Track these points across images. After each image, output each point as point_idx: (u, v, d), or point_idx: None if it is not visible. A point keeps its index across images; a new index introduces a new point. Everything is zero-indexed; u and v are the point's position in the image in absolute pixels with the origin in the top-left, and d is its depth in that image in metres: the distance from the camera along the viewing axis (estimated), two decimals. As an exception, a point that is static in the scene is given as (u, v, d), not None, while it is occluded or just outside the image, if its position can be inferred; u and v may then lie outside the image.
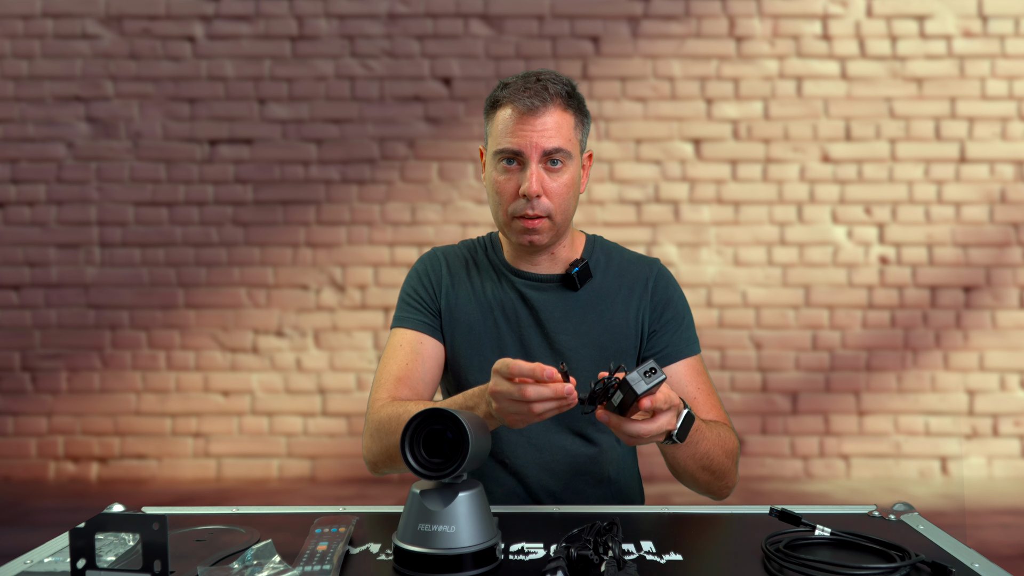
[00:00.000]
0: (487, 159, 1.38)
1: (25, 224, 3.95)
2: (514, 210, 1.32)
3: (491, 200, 1.37)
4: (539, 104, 1.28)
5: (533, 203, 1.30)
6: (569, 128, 1.32)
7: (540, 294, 1.41)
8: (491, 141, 1.35)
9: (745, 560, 1.01)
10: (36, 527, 3.19)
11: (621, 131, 3.93)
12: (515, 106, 1.29)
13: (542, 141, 1.29)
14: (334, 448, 3.91)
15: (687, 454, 1.22)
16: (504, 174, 1.32)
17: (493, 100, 1.35)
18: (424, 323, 1.41)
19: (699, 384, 1.40)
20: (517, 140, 1.29)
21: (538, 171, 1.29)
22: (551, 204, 1.31)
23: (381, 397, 1.35)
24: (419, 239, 3.93)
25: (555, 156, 1.30)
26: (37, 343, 3.94)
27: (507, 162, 1.31)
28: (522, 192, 1.29)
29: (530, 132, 1.29)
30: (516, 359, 1.04)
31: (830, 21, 3.91)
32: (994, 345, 3.90)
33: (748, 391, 3.92)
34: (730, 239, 3.93)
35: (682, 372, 1.40)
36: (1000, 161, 3.91)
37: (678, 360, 1.40)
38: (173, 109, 3.96)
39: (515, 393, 1.03)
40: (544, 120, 1.29)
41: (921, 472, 3.88)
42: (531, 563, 1.00)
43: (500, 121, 1.32)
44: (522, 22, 3.94)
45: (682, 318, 1.43)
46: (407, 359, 1.38)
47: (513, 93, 1.30)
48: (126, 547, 0.98)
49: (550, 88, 1.30)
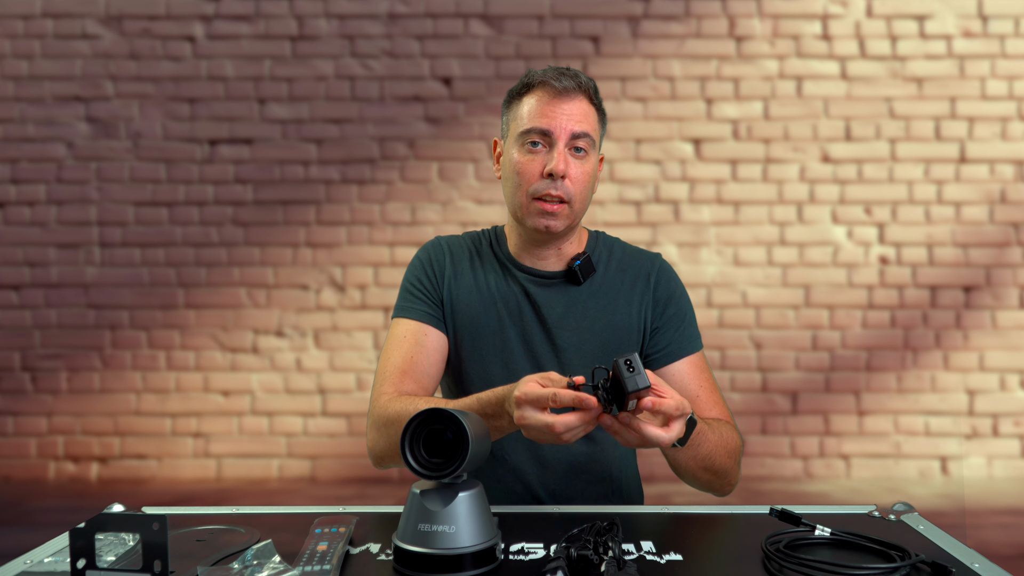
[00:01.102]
0: (508, 143, 1.37)
1: (25, 224, 3.95)
2: (535, 190, 1.31)
3: (509, 183, 1.36)
4: (572, 87, 1.31)
5: (557, 184, 1.30)
6: (594, 121, 1.35)
7: (543, 290, 1.40)
8: (515, 124, 1.35)
9: (745, 560, 1.01)
10: (36, 527, 3.19)
11: (621, 131, 3.93)
12: (547, 88, 1.31)
13: (571, 124, 1.31)
14: (334, 448, 3.91)
15: (688, 456, 1.22)
16: (528, 155, 1.32)
17: (521, 86, 1.36)
18: (427, 313, 1.40)
19: (702, 381, 1.39)
20: (548, 120, 1.30)
21: (565, 153, 1.31)
22: (573, 189, 1.31)
23: (387, 391, 1.33)
24: (419, 239, 3.93)
25: (581, 142, 1.32)
26: (37, 343, 3.94)
27: (532, 144, 1.32)
28: (548, 170, 1.29)
29: (560, 114, 1.30)
30: (535, 383, 1.05)
31: (830, 21, 3.91)
32: (994, 345, 3.90)
33: (748, 391, 3.92)
34: (730, 239, 3.93)
35: (685, 370, 1.39)
36: (1000, 161, 3.91)
37: (681, 358, 1.40)
38: (173, 109, 3.96)
39: (545, 429, 1.04)
40: (574, 104, 1.32)
41: (921, 472, 3.88)
42: (531, 563, 1.00)
43: (528, 104, 1.33)
44: (522, 22, 3.94)
45: (684, 314, 1.42)
46: (411, 351, 1.37)
47: (546, 77, 1.32)
48: (126, 547, 0.98)
49: (581, 78, 1.34)
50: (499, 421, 1.15)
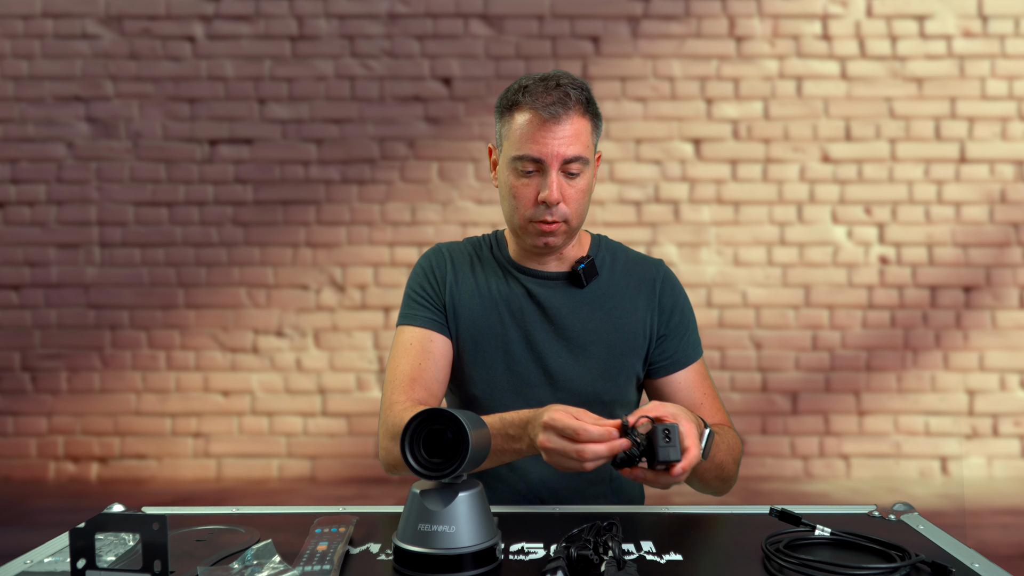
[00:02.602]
0: (502, 161, 1.35)
1: (25, 224, 3.95)
2: (532, 216, 1.32)
3: (506, 203, 1.36)
4: (561, 112, 1.27)
5: (552, 210, 1.30)
6: (587, 134, 1.31)
7: (547, 291, 1.41)
8: (507, 145, 1.32)
9: (745, 560, 1.01)
10: (36, 527, 3.19)
11: (621, 131, 3.93)
12: (536, 112, 1.27)
13: (563, 149, 1.28)
14: (334, 448, 3.91)
15: (704, 468, 1.24)
16: (522, 179, 1.31)
17: (511, 102, 1.31)
18: (432, 320, 1.40)
19: (704, 389, 1.42)
20: (538, 148, 1.28)
21: (558, 179, 1.29)
22: (568, 210, 1.31)
23: (399, 399, 1.33)
24: (419, 239, 3.93)
25: (573, 166, 1.30)
26: (37, 343, 3.94)
27: (526, 172, 1.30)
28: (542, 199, 1.29)
29: (551, 140, 1.27)
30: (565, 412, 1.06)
31: (830, 21, 3.91)
32: (994, 345, 3.90)
33: (748, 391, 3.92)
34: (730, 239, 3.93)
35: (689, 379, 1.42)
36: (1000, 161, 3.91)
37: (686, 367, 1.42)
38: (173, 109, 3.96)
39: (572, 453, 1.04)
40: (565, 128, 1.27)
41: (921, 472, 3.88)
42: (531, 563, 1.00)
43: (518, 125, 1.29)
44: (522, 22, 3.94)
45: (688, 323, 1.45)
46: (419, 358, 1.37)
47: (534, 98, 1.28)
48: (126, 547, 0.98)
49: (572, 95, 1.28)
50: (518, 444, 1.17)
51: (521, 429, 1.15)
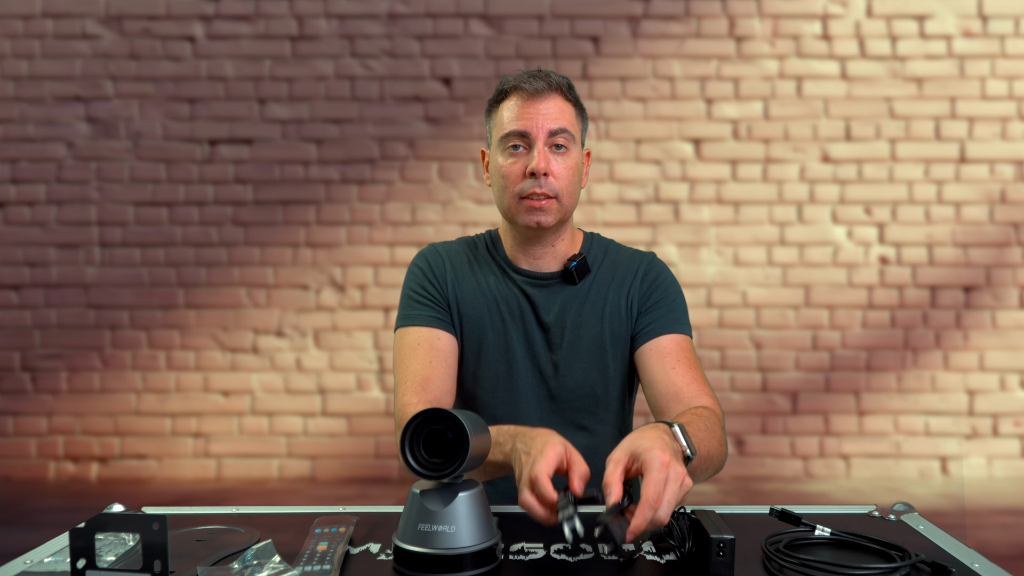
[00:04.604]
0: (493, 150, 1.40)
1: (25, 224, 3.95)
2: (521, 190, 1.34)
3: (497, 187, 1.38)
4: (544, 87, 1.35)
5: (541, 181, 1.32)
6: (572, 115, 1.37)
7: (540, 291, 1.42)
8: (496, 130, 1.38)
9: (745, 560, 1.01)
10: (36, 527, 3.19)
11: (621, 131, 3.93)
12: (520, 91, 1.35)
13: (547, 122, 1.33)
14: (334, 448, 3.91)
15: (694, 466, 1.20)
16: (510, 158, 1.35)
17: (497, 94, 1.40)
18: (436, 318, 1.40)
19: (679, 357, 1.35)
20: (523, 122, 1.33)
21: (544, 151, 1.33)
22: (558, 185, 1.34)
23: (412, 401, 1.31)
24: (419, 239, 3.93)
25: (560, 139, 1.34)
26: (37, 343, 3.94)
27: (513, 147, 1.35)
28: (530, 169, 1.32)
29: (535, 114, 1.33)
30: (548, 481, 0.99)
31: (830, 21, 3.91)
32: (994, 345, 3.90)
33: (748, 391, 3.92)
34: (730, 239, 3.93)
35: (663, 344, 1.37)
36: (1000, 161, 3.91)
37: (662, 335, 1.37)
38: (173, 109, 3.96)
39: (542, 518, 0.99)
40: (548, 104, 1.34)
41: (921, 472, 3.88)
42: (531, 563, 1.00)
43: (506, 109, 1.37)
44: (522, 22, 3.94)
45: (671, 300, 1.42)
46: (428, 358, 1.37)
47: (518, 81, 1.37)
48: (126, 547, 0.98)
49: (553, 77, 1.37)
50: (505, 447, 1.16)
51: (509, 448, 1.13)
